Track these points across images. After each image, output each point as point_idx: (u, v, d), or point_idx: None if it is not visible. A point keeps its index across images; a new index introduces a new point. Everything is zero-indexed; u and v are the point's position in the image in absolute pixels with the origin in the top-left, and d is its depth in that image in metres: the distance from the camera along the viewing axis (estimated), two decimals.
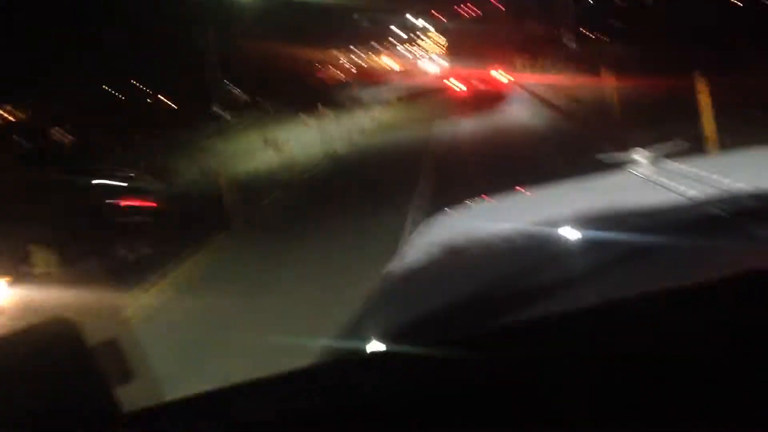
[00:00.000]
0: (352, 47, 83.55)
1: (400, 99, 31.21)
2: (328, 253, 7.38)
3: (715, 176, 1.64)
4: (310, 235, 8.52)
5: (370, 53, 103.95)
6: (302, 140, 19.10)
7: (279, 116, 34.37)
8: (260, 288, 6.53)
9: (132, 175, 11.07)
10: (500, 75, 21.31)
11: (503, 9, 24.93)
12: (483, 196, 2.42)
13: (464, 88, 21.54)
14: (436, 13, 24.15)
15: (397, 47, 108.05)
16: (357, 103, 24.73)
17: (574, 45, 24.30)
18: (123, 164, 14.24)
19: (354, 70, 68.19)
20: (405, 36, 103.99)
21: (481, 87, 21.24)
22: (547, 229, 1.62)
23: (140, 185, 10.56)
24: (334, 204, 10.67)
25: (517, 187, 2.42)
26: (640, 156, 2.00)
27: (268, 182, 13.79)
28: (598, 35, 26.16)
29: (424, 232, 2.04)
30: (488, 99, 20.64)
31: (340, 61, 65.26)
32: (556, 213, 1.71)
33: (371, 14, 74.88)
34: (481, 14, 23.24)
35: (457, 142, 15.11)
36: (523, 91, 23.05)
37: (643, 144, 2.15)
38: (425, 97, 30.20)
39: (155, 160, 16.25)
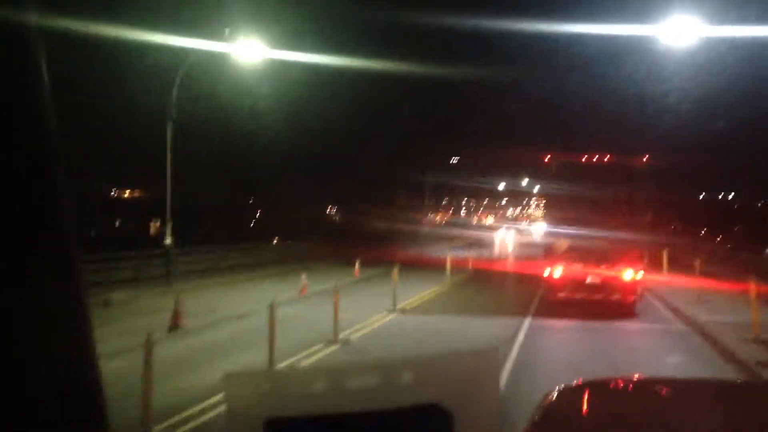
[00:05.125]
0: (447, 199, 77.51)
1: (473, 270, 22.62)
2: None
3: None
4: None
5: (471, 209, 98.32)
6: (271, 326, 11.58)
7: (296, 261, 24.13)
8: None
9: None
10: (626, 269, 12.80)
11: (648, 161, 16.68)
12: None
13: (562, 276, 13.10)
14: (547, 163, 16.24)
15: (506, 209, 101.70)
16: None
17: None
18: None
19: (439, 221, 61.31)
20: (509, 198, 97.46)
21: (592, 280, 12.84)
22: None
23: None
24: None
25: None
26: None
27: None
28: None
29: (558, 404, 2.03)
30: (599, 302, 12.71)
31: (431, 212, 59.12)
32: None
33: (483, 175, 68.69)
34: (611, 162, 15.13)
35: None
36: (661, 304, 14.40)
37: None
38: (507, 274, 22.23)
39: None
